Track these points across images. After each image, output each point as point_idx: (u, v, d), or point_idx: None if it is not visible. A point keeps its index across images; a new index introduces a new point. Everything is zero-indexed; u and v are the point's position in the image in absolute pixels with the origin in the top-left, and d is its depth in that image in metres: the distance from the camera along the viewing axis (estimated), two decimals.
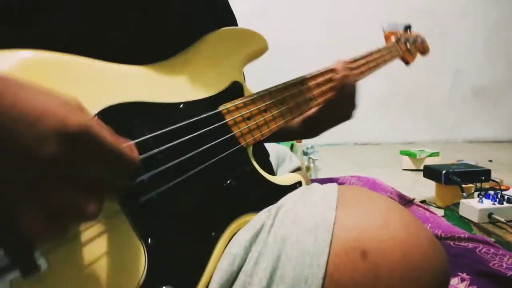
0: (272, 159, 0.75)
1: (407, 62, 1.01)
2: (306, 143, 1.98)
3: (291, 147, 1.95)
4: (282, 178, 0.57)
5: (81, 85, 0.40)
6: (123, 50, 0.45)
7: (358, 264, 0.38)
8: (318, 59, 0.74)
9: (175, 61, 0.51)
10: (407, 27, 1.01)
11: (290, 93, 0.62)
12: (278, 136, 0.73)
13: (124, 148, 0.33)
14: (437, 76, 3.45)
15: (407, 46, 0.99)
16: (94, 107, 0.39)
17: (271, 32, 0.62)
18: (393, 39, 0.97)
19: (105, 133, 0.31)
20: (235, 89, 0.55)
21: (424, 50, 1.06)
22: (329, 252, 0.39)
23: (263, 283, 0.39)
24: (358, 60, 0.79)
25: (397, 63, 1.01)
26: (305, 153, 1.88)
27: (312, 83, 0.67)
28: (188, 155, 0.45)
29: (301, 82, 0.65)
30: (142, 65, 0.47)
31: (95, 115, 0.39)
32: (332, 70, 0.71)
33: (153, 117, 0.44)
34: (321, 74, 0.70)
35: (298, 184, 0.57)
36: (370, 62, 0.83)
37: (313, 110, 0.75)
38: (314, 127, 0.78)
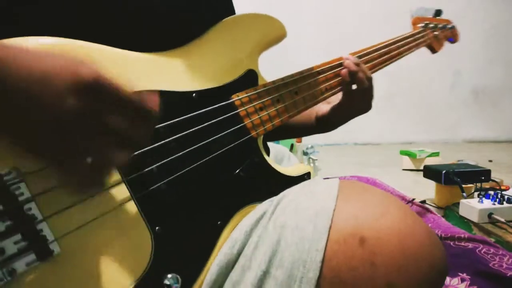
0: (271, 158, 0.74)
1: (433, 50, 0.94)
2: (306, 143, 1.98)
3: (291, 147, 1.95)
4: (290, 168, 0.56)
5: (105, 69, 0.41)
6: (129, 40, 0.45)
7: (356, 251, 0.38)
8: (319, 58, 0.73)
9: (189, 48, 0.50)
10: (438, 12, 0.95)
11: (306, 82, 0.60)
12: (292, 132, 0.74)
13: (140, 97, 0.33)
14: (437, 77, 3.45)
15: (434, 33, 0.92)
16: None
17: None
18: (420, 25, 0.91)
19: (119, 82, 0.32)
20: (250, 78, 0.54)
21: (454, 37, 0.98)
22: (328, 238, 0.39)
23: (262, 267, 0.40)
24: (370, 53, 0.75)
25: (397, 63, 1.00)
26: (305, 153, 1.88)
27: (328, 72, 0.64)
28: (198, 145, 0.46)
29: (318, 71, 0.63)
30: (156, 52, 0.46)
31: None
32: (340, 64, 0.67)
33: (166, 105, 0.44)
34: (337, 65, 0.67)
35: (307, 175, 0.57)
36: (390, 52, 0.78)
37: (329, 108, 0.73)
38: (331, 122, 0.75)
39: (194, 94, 0.47)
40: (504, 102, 3.54)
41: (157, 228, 0.40)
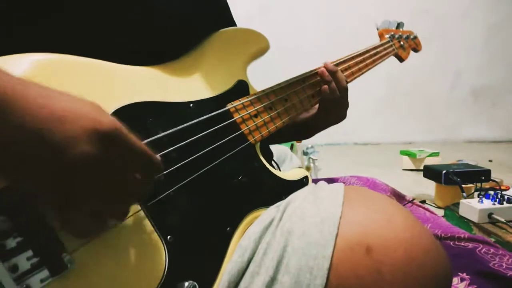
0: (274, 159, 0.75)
1: (401, 59, 1.01)
2: (306, 143, 1.98)
3: (291, 147, 1.95)
4: (289, 173, 0.58)
5: (96, 85, 0.41)
6: (128, 53, 0.45)
7: (362, 259, 0.38)
8: (319, 59, 0.74)
9: (182, 62, 0.52)
10: (400, 24, 1.02)
11: (293, 90, 0.63)
12: (276, 138, 0.73)
13: (151, 152, 0.34)
14: (437, 77, 3.45)
15: (400, 43, 1.00)
16: (108, 107, 0.40)
17: (271, 32, 0.63)
18: (386, 36, 0.98)
19: (133, 136, 0.32)
20: (241, 88, 0.57)
21: (416, 47, 1.06)
22: (335, 245, 0.39)
23: (269, 272, 0.40)
24: (347, 62, 0.78)
25: (397, 63, 1.01)
26: (305, 153, 1.88)
27: (313, 80, 0.68)
28: (201, 153, 0.47)
29: (302, 79, 0.67)
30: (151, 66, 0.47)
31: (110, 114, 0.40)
32: (317, 74, 0.69)
33: (166, 116, 0.45)
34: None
35: (305, 179, 0.59)
36: (365, 60, 0.83)
37: (307, 116, 0.76)
38: (308, 131, 0.78)
39: (191, 105, 0.49)
40: (504, 102, 3.54)
41: (168, 237, 0.40)
